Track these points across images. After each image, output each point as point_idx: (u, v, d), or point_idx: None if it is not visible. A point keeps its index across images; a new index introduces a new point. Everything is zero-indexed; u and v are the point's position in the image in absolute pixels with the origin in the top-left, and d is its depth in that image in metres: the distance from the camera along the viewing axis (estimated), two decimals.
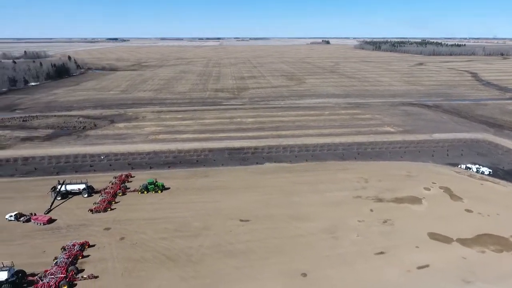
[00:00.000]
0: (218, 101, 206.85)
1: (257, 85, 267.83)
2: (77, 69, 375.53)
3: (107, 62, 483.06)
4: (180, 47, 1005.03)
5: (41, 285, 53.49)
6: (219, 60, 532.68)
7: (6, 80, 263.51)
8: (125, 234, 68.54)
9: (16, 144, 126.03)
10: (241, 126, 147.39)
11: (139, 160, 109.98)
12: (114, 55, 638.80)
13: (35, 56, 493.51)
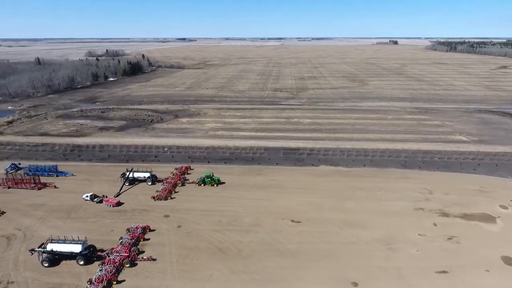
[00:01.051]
0: (277, 100, 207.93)
1: (316, 86, 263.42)
2: (149, 66, 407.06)
3: (175, 60, 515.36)
4: (242, 47, 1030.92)
5: (107, 260, 59.27)
6: (280, 60, 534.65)
7: (90, 75, 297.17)
8: (182, 223, 72.71)
9: (95, 133, 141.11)
10: (298, 127, 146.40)
11: (199, 154, 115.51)
12: (182, 54, 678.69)
13: (114, 54, 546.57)
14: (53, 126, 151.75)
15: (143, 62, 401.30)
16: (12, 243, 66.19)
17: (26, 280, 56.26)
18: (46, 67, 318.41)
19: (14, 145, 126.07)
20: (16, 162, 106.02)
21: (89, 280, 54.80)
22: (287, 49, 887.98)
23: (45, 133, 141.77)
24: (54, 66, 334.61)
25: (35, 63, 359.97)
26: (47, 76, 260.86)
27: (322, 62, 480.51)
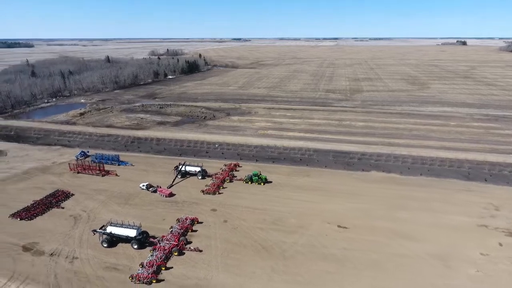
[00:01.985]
0: (329, 102, 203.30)
1: (372, 88, 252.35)
2: (205, 65, 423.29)
3: (229, 60, 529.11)
4: (296, 47, 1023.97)
5: (158, 247, 63.09)
6: (334, 60, 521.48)
7: (151, 73, 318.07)
8: (228, 218, 74.69)
9: (153, 127, 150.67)
10: (349, 130, 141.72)
11: (247, 152, 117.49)
12: (236, 54, 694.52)
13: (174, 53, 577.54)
14: (117, 119, 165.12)
15: (199, 61, 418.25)
16: (78, 223, 73.56)
17: (88, 257, 62.17)
18: (114, 65, 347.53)
19: (84, 134, 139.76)
20: (85, 150, 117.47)
21: (141, 264, 58.84)
22: (342, 50, 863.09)
23: (110, 125, 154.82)
24: (121, 64, 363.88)
25: (105, 61, 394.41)
26: (115, 73, 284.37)
27: (379, 64, 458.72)
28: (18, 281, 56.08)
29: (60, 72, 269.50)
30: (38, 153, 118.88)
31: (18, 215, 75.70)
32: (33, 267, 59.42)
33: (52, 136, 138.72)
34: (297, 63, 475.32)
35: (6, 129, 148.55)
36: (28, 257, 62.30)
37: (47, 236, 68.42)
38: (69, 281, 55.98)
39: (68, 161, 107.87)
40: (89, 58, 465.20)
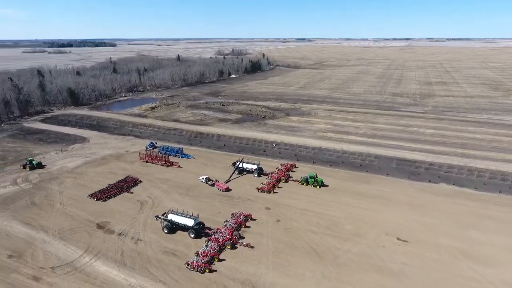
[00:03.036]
0: (395, 106, 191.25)
1: (446, 93, 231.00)
2: (267, 65, 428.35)
3: (292, 60, 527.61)
4: (362, 48, 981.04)
5: (213, 238, 65.76)
6: (404, 62, 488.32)
7: (216, 72, 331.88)
8: (281, 218, 74.81)
9: (215, 123, 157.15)
10: (417, 137, 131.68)
11: (305, 153, 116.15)
12: (299, 54, 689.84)
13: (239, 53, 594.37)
14: (183, 114, 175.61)
15: (262, 61, 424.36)
16: (143, 208, 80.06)
17: (150, 240, 67.35)
18: (183, 63, 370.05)
19: (154, 127, 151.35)
20: (154, 141, 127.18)
21: (196, 252, 61.95)
22: (414, 51, 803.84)
23: (177, 119, 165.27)
24: (190, 62, 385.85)
25: (176, 59, 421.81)
26: (184, 71, 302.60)
27: (456, 66, 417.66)
28: (91, 254, 63.07)
29: (136, 69, 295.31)
30: (114, 141, 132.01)
31: (95, 196, 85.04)
32: (104, 243, 66.27)
33: (126, 127, 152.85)
34: (362, 65, 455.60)
35: (90, 119, 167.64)
36: (100, 234, 69.67)
37: (117, 217, 75.74)
38: (133, 260, 61.29)
39: (138, 150, 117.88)
40: (162, 56, 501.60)
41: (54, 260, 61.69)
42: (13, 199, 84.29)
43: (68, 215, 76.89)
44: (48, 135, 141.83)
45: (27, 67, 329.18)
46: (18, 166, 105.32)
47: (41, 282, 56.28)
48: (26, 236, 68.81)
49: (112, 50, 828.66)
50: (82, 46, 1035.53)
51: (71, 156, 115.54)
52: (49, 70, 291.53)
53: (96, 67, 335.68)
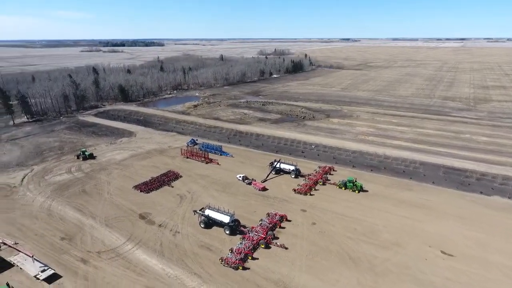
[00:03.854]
0: (445, 110, 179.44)
1: (504, 98, 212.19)
2: (309, 65, 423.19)
3: (335, 60, 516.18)
4: (411, 48, 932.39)
5: (247, 236, 66.47)
6: (457, 64, 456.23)
7: (258, 72, 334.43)
8: (316, 220, 73.63)
9: (254, 122, 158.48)
10: (468, 144, 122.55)
11: (344, 156, 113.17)
12: (343, 54, 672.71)
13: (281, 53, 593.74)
14: (223, 113, 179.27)
15: (304, 61, 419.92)
16: (183, 202, 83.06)
17: (187, 233, 69.72)
18: (226, 63, 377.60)
19: (195, 124, 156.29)
20: (195, 138, 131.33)
21: (230, 249, 63.02)
22: (469, 52, 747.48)
23: (217, 117, 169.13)
24: (232, 62, 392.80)
25: (219, 59, 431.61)
26: (226, 70, 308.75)
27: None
28: (133, 243, 66.74)
29: (182, 68, 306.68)
30: (158, 137, 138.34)
31: (138, 187, 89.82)
32: (145, 233, 69.80)
33: (170, 123, 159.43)
34: (411, 66, 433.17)
35: (137, 114, 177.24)
36: (142, 224, 73.47)
37: (158, 209, 79.38)
38: (171, 251, 63.88)
39: (180, 146, 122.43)
40: (206, 56, 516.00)
41: (100, 245, 66.17)
42: (68, 186, 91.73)
43: (114, 204, 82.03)
44: (100, 129, 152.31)
45: (84, 65, 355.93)
46: (72, 156, 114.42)
47: (88, 264, 60.68)
48: (77, 221, 74.54)
49: (160, 49, 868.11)
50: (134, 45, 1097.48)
51: (119, 149, 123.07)
52: (103, 68, 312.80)
53: (145, 66, 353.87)
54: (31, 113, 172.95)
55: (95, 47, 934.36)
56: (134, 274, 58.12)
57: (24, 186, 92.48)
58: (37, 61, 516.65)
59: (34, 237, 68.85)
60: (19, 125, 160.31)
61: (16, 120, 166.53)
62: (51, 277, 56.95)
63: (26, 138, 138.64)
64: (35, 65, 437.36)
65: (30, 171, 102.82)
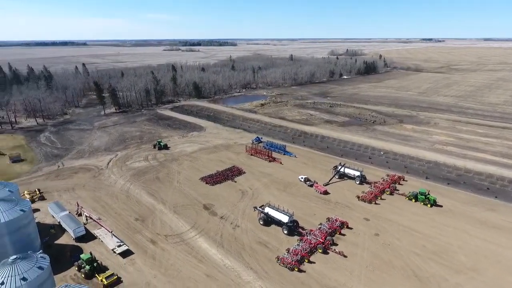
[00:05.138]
0: None
1: None
2: (383, 67, 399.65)
3: (413, 62, 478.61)
4: (506, 50, 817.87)
5: (305, 239, 65.74)
6: None
7: (327, 72, 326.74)
8: (380, 232, 69.53)
9: (320, 124, 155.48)
10: None
11: (417, 166, 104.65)
12: (423, 56, 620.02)
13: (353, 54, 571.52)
14: (289, 113, 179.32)
15: (378, 63, 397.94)
16: (244, 197, 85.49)
17: (247, 228, 71.63)
18: (295, 63, 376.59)
19: (261, 123, 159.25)
20: (260, 136, 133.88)
21: (287, 249, 63.02)
22: None
23: (283, 117, 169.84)
24: (301, 62, 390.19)
25: (288, 59, 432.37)
26: (295, 70, 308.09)
27: None
28: (196, 231, 70.91)
29: (252, 67, 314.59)
30: (226, 133, 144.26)
31: (204, 179, 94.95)
32: (207, 223, 73.61)
33: (237, 120, 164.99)
34: (505, 70, 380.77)
35: (208, 111, 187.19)
36: (205, 214, 77.59)
37: (221, 202, 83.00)
38: (230, 244, 66.35)
39: (245, 143, 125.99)
40: (276, 56, 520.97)
41: (168, 229, 71.71)
42: (144, 173, 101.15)
43: (182, 192, 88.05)
44: (174, 122, 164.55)
45: (164, 62, 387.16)
46: (150, 146, 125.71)
47: (156, 245, 66.26)
48: (150, 205, 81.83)
49: (233, 49, 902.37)
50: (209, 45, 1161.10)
51: (190, 141, 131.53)
52: (181, 66, 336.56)
53: (218, 64, 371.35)
54: (119, 105, 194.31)
55: (175, 47, 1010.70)
56: (195, 260, 61.78)
57: (109, 169, 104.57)
58: (126, 58, 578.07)
59: (114, 215, 77.51)
60: (109, 115, 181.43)
61: (107, 111, 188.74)
62: (125, 252, 63.58)
63: (113, 127, 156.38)
64: (125, 62, 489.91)
65: (114, 156, 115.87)
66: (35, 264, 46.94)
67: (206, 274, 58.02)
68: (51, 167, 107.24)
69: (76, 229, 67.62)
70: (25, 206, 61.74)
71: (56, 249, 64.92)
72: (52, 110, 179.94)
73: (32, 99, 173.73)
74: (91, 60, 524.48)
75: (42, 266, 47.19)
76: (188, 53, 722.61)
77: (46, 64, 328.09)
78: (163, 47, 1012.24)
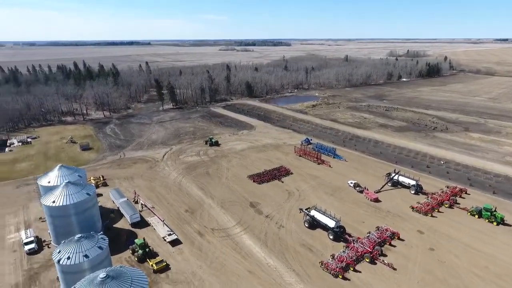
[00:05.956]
0: None
1: None
2: (449, 69, 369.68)
3: (484, 65, 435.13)
4: None
5: (351, 246, 63.39)
6: None
7: (385, 74, 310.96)
8: (436, 247, 64.51)
9: (375, 128, 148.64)
10: None
11: (482, 179, 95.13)
12: (496, 58, 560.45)
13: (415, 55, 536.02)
14: (342, 115, 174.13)
15: (442, 65, 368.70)
16: (290, 198, 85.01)
17: (291, 229, 71.15)
18: (350, 64, 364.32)
19: (311, 124, 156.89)
20: (309, 137, 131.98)
21: (332, 255, 61.32)
22: None
23: (335, 119, 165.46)
24: (357, 63, 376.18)
25: (343, 59, 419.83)
26: (349, 71, 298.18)
27: None
28: (241, 227, 72.20)
29: (304, 68, 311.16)
30: (275, 132, 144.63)
31: (252, 177, 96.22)
32: (252, 221, 74.55)
33: (287, 121, 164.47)
34: None
35: (259, 110, 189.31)
36: (251, 212, 78.63)
37: (267, 201, 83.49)
38: (273, 243, 66.49)
39: (294, 144, 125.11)
40: (330, 56, 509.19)
41: (214, 223, 74.04)
42: (195, 167, 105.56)
43: (230, 189, 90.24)
44: (226, 120, 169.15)
45: (219, 62, 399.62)
46: (202, 141, 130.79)
47: (203, 238, 68.81)
48: (199, 198, 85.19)
49: (286, 49, 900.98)
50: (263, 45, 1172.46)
51: (239, 139, 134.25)
52: (235, 65, 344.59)
53: (271, 64, 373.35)
54: (176, 101, 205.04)
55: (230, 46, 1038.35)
56: (239, 256, 62.97)
57: (164, 161, 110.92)
58: (185, 58, 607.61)
59: (166, 205, 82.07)
60: (166, 110, 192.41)
61: (165, 106, 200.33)
62: (174, 241, 67.02)
63: (170, 122, 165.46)
64: (183, 61, 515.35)
65: (169, 150, 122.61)
66: (96, 244, 51.55)
67: (249, 271, 58.84)
68: (114, 157, 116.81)
69: (133, 215, 72.88)
70: (90, 190, 68.08)
71: (114, 232, 70.59)
72: (117, 104, 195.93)
73: (101, 94, 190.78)
74: (153, 58, 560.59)
75: (102, 246, 51.68)
76: (243, 53, 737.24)
77: (114, 62, 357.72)
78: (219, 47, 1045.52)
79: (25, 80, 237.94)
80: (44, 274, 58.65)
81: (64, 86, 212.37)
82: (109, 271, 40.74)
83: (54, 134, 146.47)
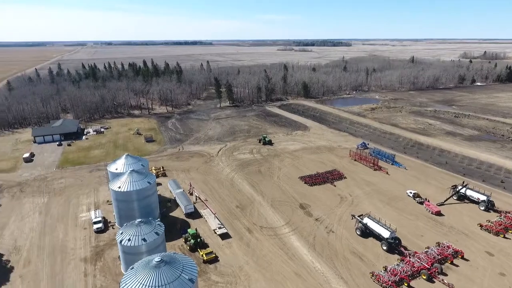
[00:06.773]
0: None
1: None
2: None
3: None
4: None
5: (407, 260, 59.27)
6: None
7: (455, 77, 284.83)
8: (508, 272, 57.52)
9: (440, 136, 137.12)
10: None
11: None
12: None
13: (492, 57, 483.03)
14: (404, 120, 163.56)
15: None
16: (342, 203, 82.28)
17: (341, 235, 68.83)
18: (416, 66, 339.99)
19: (369, 128, 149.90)
20: (366, 142, 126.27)
21: (384, 267, 58.00)
22: None
23: (395, 124, 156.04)
24: (424, 65, 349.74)
25: (408, 61, 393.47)
26: (415, 74, 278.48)
27: None
28: (290, 228, 71.77)
29: (365, 69, 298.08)
30: (330, 135, 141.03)
31: (303, 179, 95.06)
32: (301, 222, 73.65)
33: (343, 123, 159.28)
34: None
35: (314, 111, 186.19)
36: (300, 213, 77.74)
37: (317, 204, 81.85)
38: (322, 247, 64.98)
39: (350, 148, 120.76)
40: (394, 57, 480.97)
41: (263, 221, 74.66)
42: (248, 165, 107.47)
43: (281, 188, 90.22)
44: (280, 119, 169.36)
45: (277, 61, 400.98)
46: (255, 140, 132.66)
47: (251, 234, 69.83)
48: (250, 195, 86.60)
49: (346, 49, 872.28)
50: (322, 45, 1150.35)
51: (293, 140, 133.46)
52: (292, 65, 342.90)
53: (329, 65, 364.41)
54: (232, 99, 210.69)
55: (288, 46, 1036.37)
56: (286, 256, 62.72)
57: (219, 157, 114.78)
58: (244, 57, 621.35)
59: (218, 199, 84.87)
60: (223, 108, 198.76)
61: (222, 104, 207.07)
62: (224, 234, 69.05)
63: (226, 119, 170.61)
64: (242, 60, 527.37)
65: (224, 146, 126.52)
66: (153, 229, 55.26)
67: (295, 272, 58.30)
68: (174, 149, 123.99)
69: (187, 206, 76.71)
70: (151, 179, 73.11)
71: (170, 220, 74.98)
72: (179, 100, 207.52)
73: (165, 90, 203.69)
74: (214, 58, 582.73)
75: (158, 232, 55.25)
76: (301, 53, 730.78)
77: (179, 61, 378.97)
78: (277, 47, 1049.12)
79: (102, 76, 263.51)
80: (108, 251, 64.50)
81: (133, 82, 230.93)
82: (164, 256, 43.34)
83: (123, 126, 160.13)
